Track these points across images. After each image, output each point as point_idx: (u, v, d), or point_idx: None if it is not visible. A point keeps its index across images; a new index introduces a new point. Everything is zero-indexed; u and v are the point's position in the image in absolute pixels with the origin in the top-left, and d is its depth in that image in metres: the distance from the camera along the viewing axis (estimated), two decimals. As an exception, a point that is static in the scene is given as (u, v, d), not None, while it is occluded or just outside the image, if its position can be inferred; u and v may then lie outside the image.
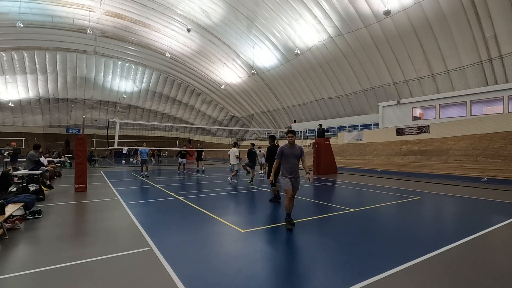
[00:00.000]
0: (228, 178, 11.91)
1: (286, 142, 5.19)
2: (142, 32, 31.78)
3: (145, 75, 42.08)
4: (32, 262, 3.48)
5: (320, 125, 17.12)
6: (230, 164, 12.12)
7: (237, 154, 12.32)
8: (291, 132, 5.06)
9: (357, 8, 21.25)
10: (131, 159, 27.33)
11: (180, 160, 16.83)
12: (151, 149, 25.10)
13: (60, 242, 4.26)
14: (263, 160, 14.59)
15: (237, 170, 11.89)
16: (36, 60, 34.47)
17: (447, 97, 21.07)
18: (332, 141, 19.90)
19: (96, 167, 20.54)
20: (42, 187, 8.30)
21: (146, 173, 14.20)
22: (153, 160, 25.52)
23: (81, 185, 9.04)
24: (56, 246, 4.06)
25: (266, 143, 13.60)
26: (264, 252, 3.82)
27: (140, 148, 14.77)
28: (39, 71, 35.77)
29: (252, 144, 12.25)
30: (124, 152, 24.92)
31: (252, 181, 11.44)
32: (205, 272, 3.19)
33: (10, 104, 37.04)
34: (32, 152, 9.40)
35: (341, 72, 27.53)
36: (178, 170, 16.90)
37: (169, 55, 31.58)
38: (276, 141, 8.19)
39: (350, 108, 30.38)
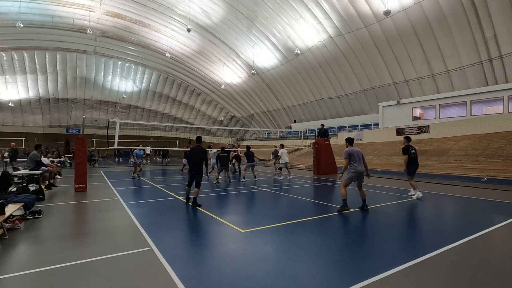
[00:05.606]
0: (281, 177, 12.82)
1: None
2: (142, 32, 31.77)
3: (145, 75, 42.07)
4: (32, 262, 3.48)
5: (322, 125, 17.12)
6: (282, 163, 12.80)
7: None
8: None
9: (357, 8, 21.25)
10: (131, 160, 27.24)
11: (184, 161, 15.90)
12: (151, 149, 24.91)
13: (60, 242, 4.26)
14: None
15: (281, 168, 13.02)
16: (36, 60, 34.44)
17: (447, 97, 21.07)
18: (332, 141, 19.88)
19: (96, 167, 20.54)
20: (43, 187, 8.30)
21: (138, 173, 13.34)
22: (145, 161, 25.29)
23: (81, 185, 9.04)
24: (56, 246, 4.06)
25: (266, 144, 13.85)
26: (264, 252, 3.82)
27: (136, 150, 13.82)
28: (39, 71, 35.75)
29: (223, 149, 12.96)
30: (148, 152, 24.87)
31: (231, 180, 11.90)
32: (205, 272, 3.19)
33: (10, 104, 36.98)
34: (34, 152, 9.43)
35: (341, 72, 27.53)
36: (181, 171, 16.14)
37: (169, 55, 31.57)
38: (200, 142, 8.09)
39: (350, 108, 30.38)
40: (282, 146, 13.48)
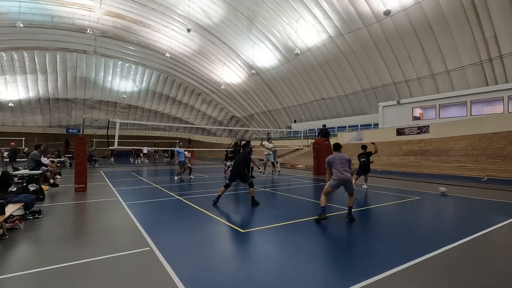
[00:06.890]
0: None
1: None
2: (142, 32, 31.79)
3: (145, 75, 42.10)
4: (32, 262, 3.48)
5: (324, 125, 17.16)
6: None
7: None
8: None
9: (357, 8, 21.25)
10: (131, 160, 27.29)
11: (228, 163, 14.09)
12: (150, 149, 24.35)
13: (60, 242, 4.26)
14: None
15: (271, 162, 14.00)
16: (36, 60, 34.47)
17: (447, 97, 21.07)
18: (332, 141, 19.86)
19: (96, 167, 20.54)
20: (43, 186, 8.29)
21: (181, 177, 12.16)
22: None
23: (81, 185, 9.03)
24: (56, 246, 4.06)
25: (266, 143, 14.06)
26: (264, 252, 3.82)
27: (177, 148, 12.64)
28: (39, 71, 35.78)
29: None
30: (144, 152, 25.06)
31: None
32: (205, 272, 3.18)
33: (10, 104, 37.03)
34: (35, 151, 9.44)
35: (341, 72, 27.53)
36: (225, 173, 14.42)
37: (169, 55, 31.59)
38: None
39: (350, 108, 30.38)
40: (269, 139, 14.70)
